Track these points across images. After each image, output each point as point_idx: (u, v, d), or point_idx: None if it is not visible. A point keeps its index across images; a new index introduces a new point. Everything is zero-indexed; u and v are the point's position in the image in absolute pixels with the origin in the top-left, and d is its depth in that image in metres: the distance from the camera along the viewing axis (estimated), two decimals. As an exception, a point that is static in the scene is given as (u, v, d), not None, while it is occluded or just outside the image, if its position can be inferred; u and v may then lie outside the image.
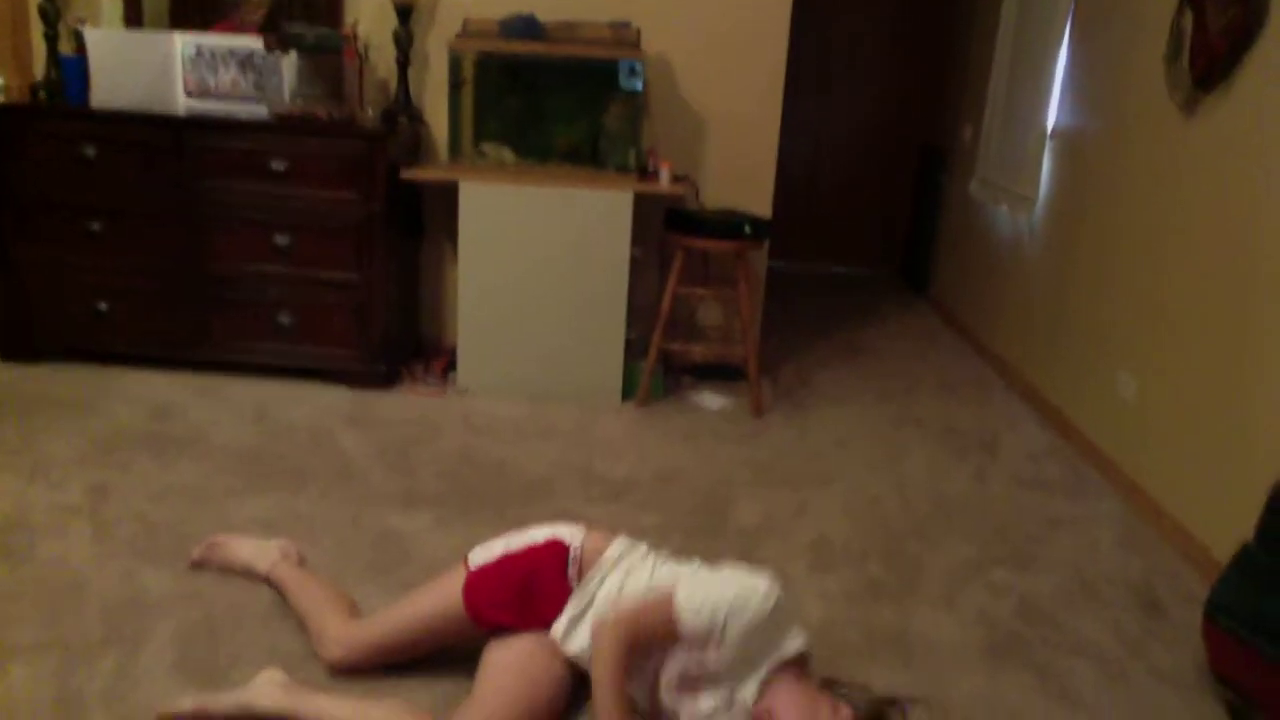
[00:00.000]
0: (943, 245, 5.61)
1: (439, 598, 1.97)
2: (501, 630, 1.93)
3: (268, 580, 2.25)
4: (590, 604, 1.90)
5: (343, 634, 1.99)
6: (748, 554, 2.59)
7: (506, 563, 1.97)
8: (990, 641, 2.29)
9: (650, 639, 1.78)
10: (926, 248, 5.80)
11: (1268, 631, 1.97)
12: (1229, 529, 2.49)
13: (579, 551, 1.96)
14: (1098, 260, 3.57)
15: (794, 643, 1.79)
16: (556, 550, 1.97)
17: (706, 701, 1.78)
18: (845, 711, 1.67)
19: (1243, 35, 2.71)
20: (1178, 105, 3.06)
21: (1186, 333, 2.94)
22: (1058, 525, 2.95)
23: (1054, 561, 2.72)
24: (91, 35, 3.43)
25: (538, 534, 2.02)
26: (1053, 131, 4.07)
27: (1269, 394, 2.53)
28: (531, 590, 1.93)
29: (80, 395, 3.35)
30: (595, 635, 1.79)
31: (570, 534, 2.00)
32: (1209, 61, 2.86)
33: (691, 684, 1.78)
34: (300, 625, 2.09)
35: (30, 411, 3.20)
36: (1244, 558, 2.12)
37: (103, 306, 3.54)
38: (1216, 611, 2.12)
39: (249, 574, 2.29)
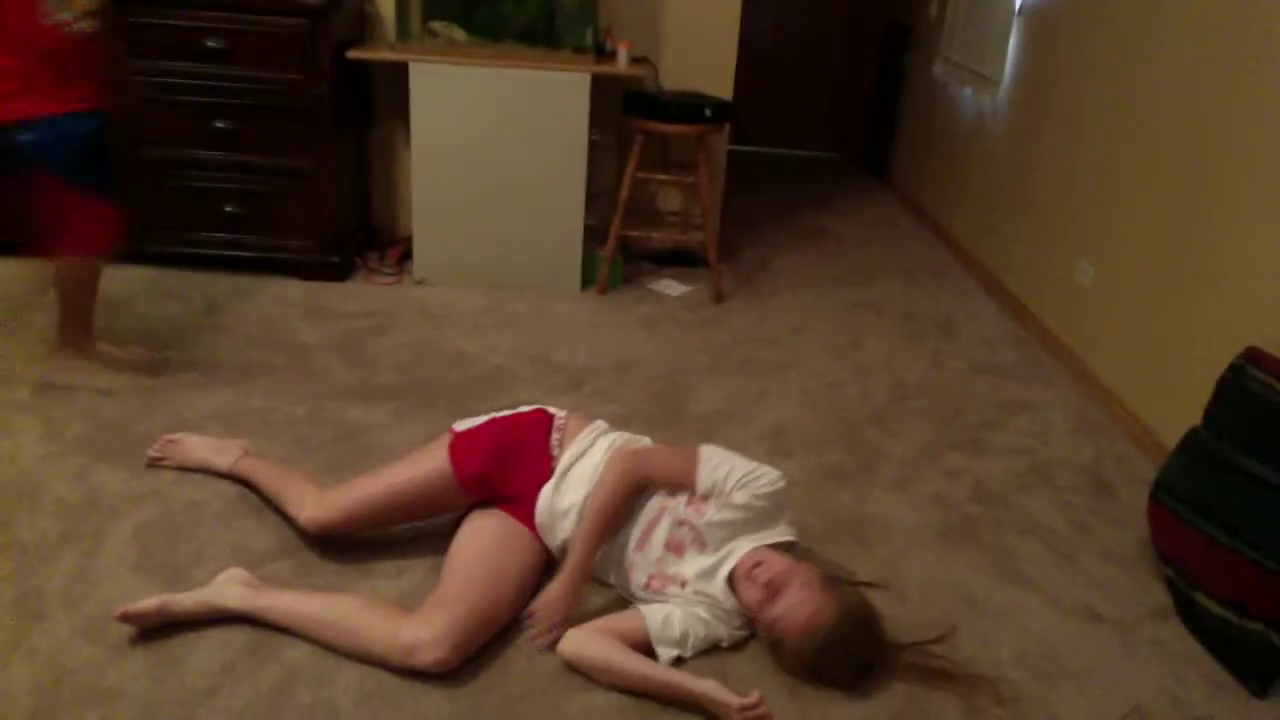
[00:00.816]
0: (905, 128, 5.53)
1: (424, 458, 2.00)
2: (481, 500, 1.97)
3: (230, 475, 2.23)
4: (571, 470, 1.94)
5: (323, 495, 2.01)
6: (707, 440, 2.61)
7: (492, 424, 2.03)
8: (945, 524, 2.35)
9: (665, 478, 1.89)
10: (889, 131, 5.71)
11: (1208, 512, 2.04)
12: (1179, 415, 2.55)
13: (564, 421, 2.03)
14: (1061, 145, 3.54)
15: (784, 531, 1.86)
16: (541, 418, 2.03)
17: (691, 565, 1.83)
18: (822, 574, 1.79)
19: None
20: (1148, -18, 2.99)
21: (1145, 220, 2.94)
22: (1012, 410, 3.01)
23: (1008, 446, 2.78)
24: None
25: (523, 408, 2.08)
26: (1020, 8, 3.97)
27: (1221, 284, 2.55)
28: (515, 449, 1.98)
29: (22, 290, 3.24)
30: (612, 459, 1.90)
31: (555, 409, 2.07)
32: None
33: (678, 545, 1.84)
34: (276, 505, 2.10)
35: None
36: (1190, 441, 2.18)
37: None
38: (1161, 492, 2.19)
39: (207, 470, 2.26)
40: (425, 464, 1.98)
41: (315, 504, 1.99)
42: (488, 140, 3.42)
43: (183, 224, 3.44)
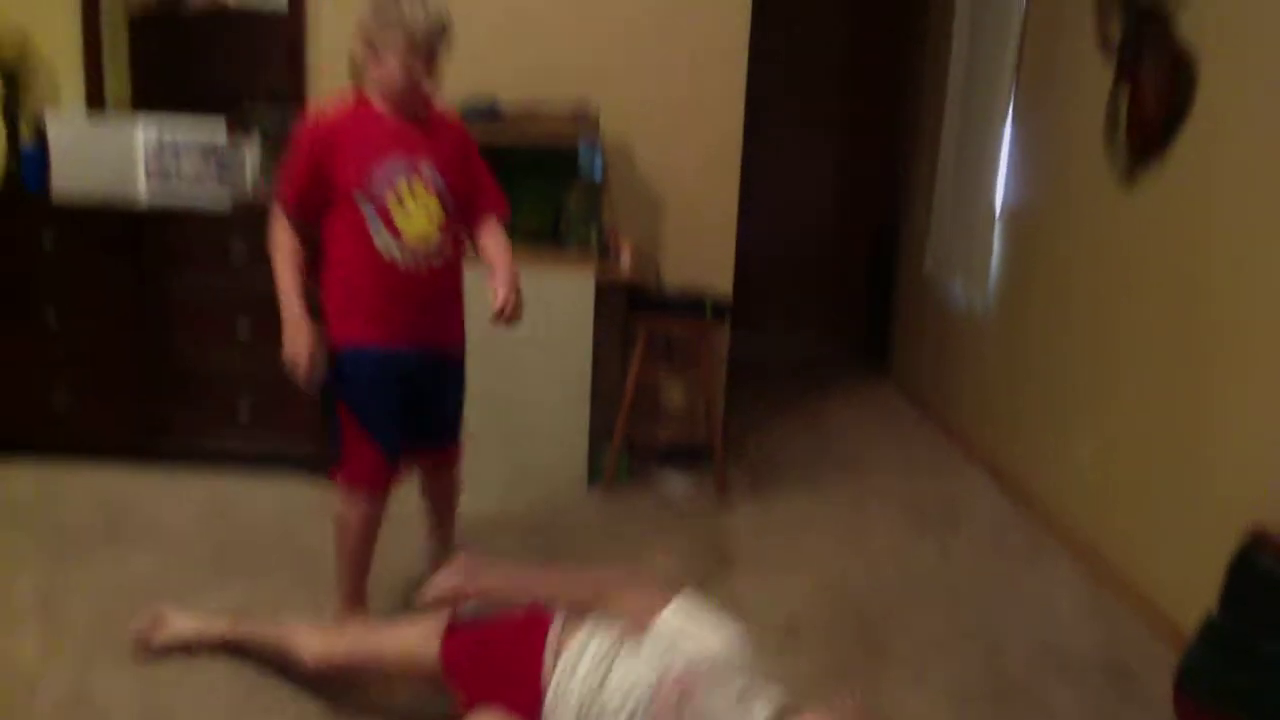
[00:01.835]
0: (900, 322, 5.70)
1: (417, 645, 1.97)
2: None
3: (226, 641, 2.20)
4: (567, 694, 1.83)
5: (316, 645, 2.07)
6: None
7: (486, 637, 1.95)
8: (961, 718, 2.27)
9: (617, 608, 1.85)
10: (885, 325, 5.89)
11: (1235, 699, 1.98)
12: (1193, 594, 2.50)
13: (559, 631, 1.90)
14: (1050, 332, 3.65)
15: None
16: (538, 627, 1.91)
17: None
18: None
19: (1175, 111, 2.83)
20: (1117, 178, 3.17)
21: (1139, 400, 3.00)
22: (1023, 597, 2.96)
23: (1021, 634, 2.71)
24: (52, 123, 3.44)
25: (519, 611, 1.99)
26: (1001, 209, 4.19)
27: (1222, 459, 2.57)
28: (506, 665, 1.89)
29: (32, 493, 3.27)
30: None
31: (555, 616, 1.94)
32: (1145, 135, 2.97)
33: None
34: (276, 654, 2.11)
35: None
36: (1209, 628, 2.14)
37: (58, 400, 3.48)
38: (1186, 682, 2.13)
39: (201, 642, 2.24)
40: (418, 652, 1.97)
41: (305, 654, 2.06)
42: (496, 339, 3.52)
43: (198, 425, 3.51)
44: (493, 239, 2.49)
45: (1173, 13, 2.86)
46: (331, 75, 3.73)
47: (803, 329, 6.52)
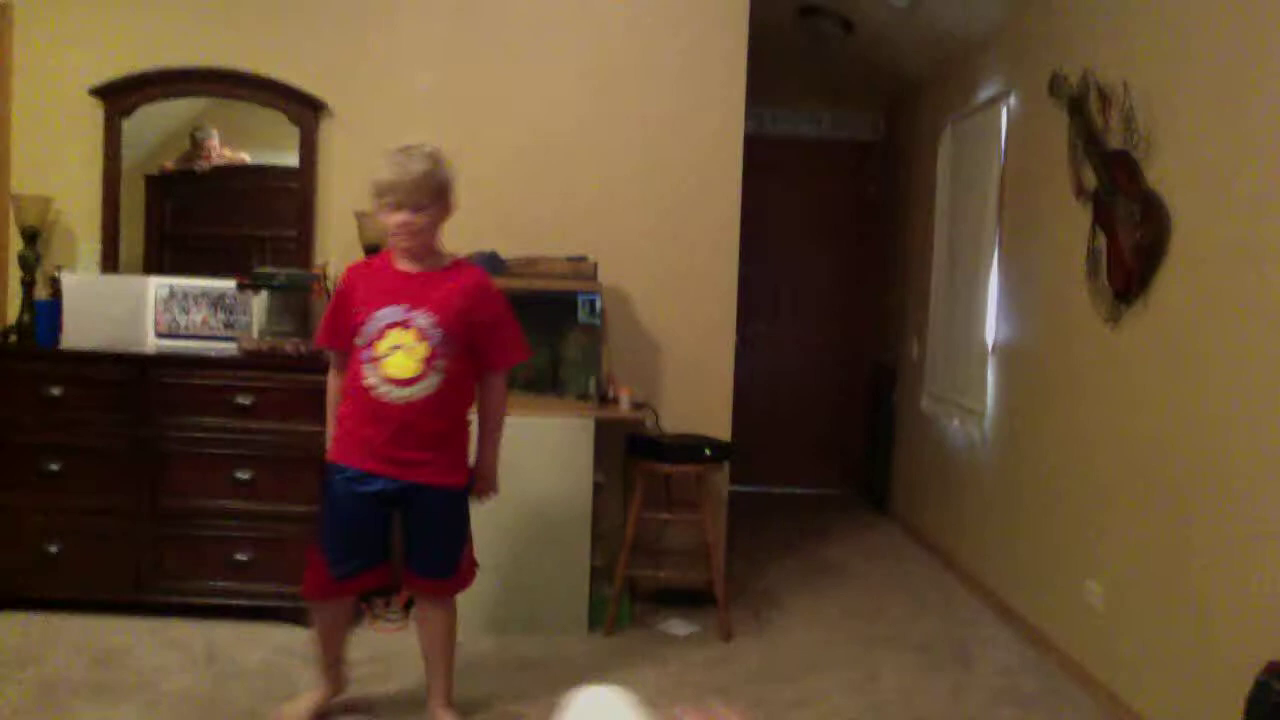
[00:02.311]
0: (900, 461, 5.71)
1: None
2: None
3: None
4: None
5: None
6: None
7: None
8: None
9: None
10: (884, 464, 5.90)
11: None
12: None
13: None
14: (1047, 469, 3.66)
15: None
16: None
17: None
18: None
19: (1152, 253, 2.94)
20: (1102, 318, 3.25)
21: (1140, 537, 2.98)
22: (1041, 744, 2.86)
23: (1041, 783, 2.62)
24: (68, 280, 3.56)
25: None
26: (993, 346, 4.27)
27: (1226, 595, 2.55)
28: None
29: (20, 644, 3.21)
30: None
31: None
32: (1125, 277, 3.07)
33: None
34: None
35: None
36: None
37: (53, 549, 3.45)
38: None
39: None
40: None
41: None
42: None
43: (192, 572, 3.47)
44: (494, 405, 2.74)
45: (1141, 160, 3.01)
46: (339, 228, 3.88)
47: (802, 469, 6.52)
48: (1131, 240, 3.03)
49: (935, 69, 5.13)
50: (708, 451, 3.63)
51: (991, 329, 4.29)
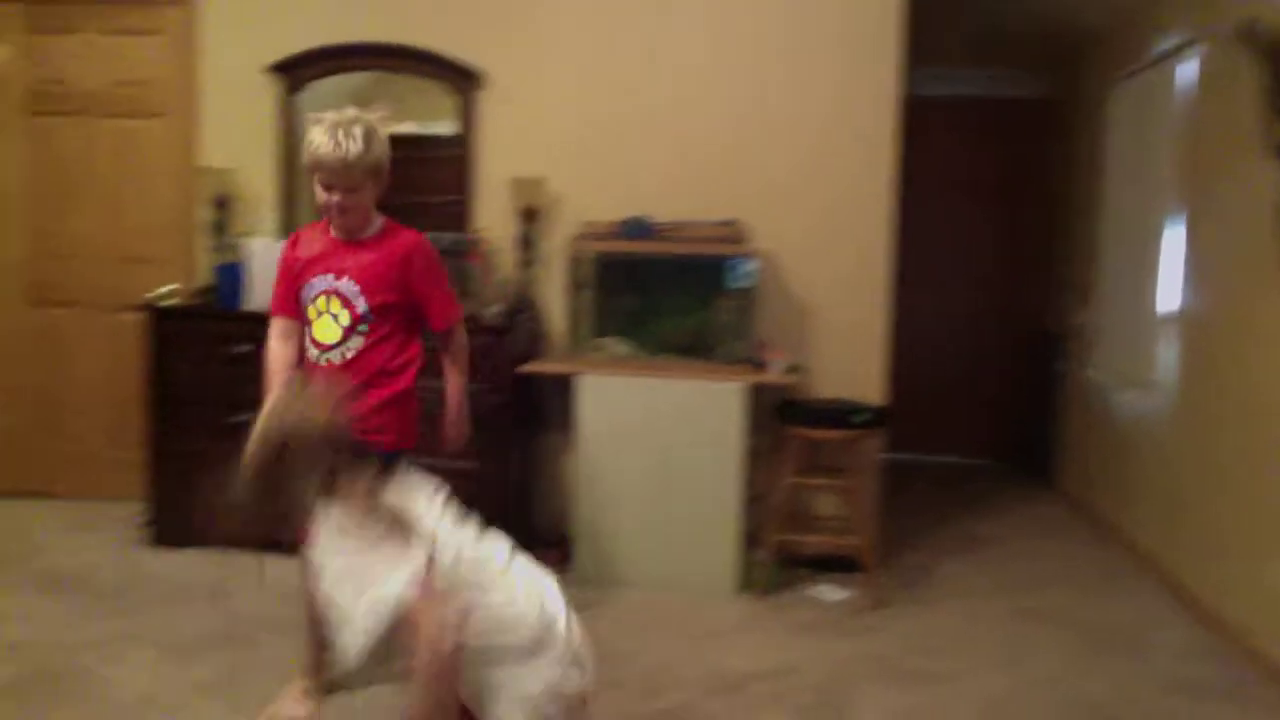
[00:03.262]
0: (1065, 432, 5.45)
1: None
2: None
3: None
4: None
5: None
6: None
7: None
8: None
9: None
10: (1046, 435, 5.64)
11: None
12: None
13: None
14: (1230, 441, 3.42)
15: None
16: None
17: None
18: None
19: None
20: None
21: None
22: (1217, 734, 2.71)
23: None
24: (253, 244, 3.79)
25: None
26: (1172, 311, 4.00)
27: None
28: None
29: (214, 578, 3.48)
30: None
31: None
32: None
33: None
34: None
35: (173, 597, 3.35)
36: None
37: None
38: None
39: None
40: None
41: None
42: (648, 446, 3.59)
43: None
44: (449, 361, 2.77)
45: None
46: (496, 193, 3.99)
47: (959, 438, 6.31)
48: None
49: (1108, 20, 4.80)
50: (860, 417, 3.57)
51: (1169, 292, 4.02)
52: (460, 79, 4.00)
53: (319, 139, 2.42)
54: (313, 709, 2.63)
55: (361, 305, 2.55)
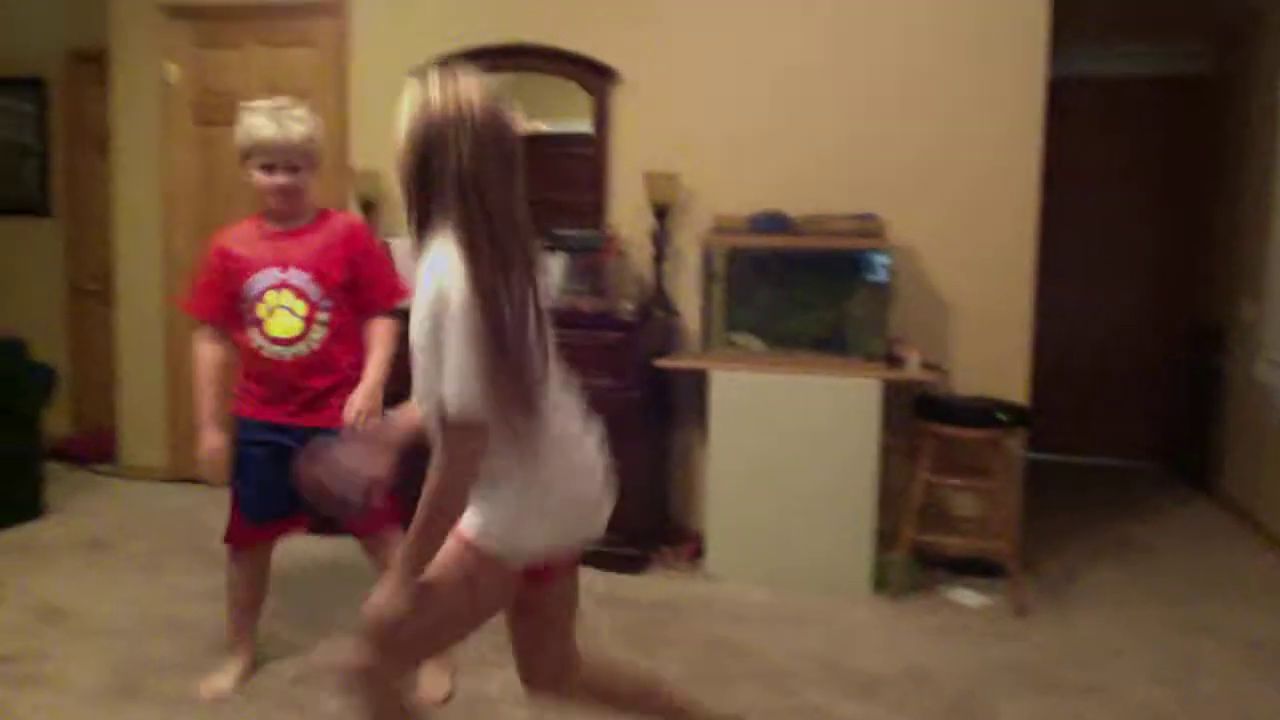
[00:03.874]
0: (1228, 434, 5.12)
1: None
2: None
3: None
4: None
5: None
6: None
7: None
8: None
9: None
10: (1206, 436, 5.31)
11: None
12: None
13: None
14: None
15: None
16: None
17: None
18: None
19: None
20: None
21: None
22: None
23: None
24: (397, 245, 3.86)
25: None
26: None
27: None
28: None
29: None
30: None
31: None
32: None
33: None
34: None
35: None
36: None
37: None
38: None
39: None
40: None
41: None
42: (781, 442, 3.57)
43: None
44: (375, 340, 2.64)
45: None
46: (630, 190, 4.02)
47: (1108, 438, 6.01)
48: None
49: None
50: (1001, 416, 3.44)
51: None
52: (593, 76, 4.05)
53: (260, 121, 2.49)
54: (448, 684, 2.73)
55: (315, 292, 2.56)
